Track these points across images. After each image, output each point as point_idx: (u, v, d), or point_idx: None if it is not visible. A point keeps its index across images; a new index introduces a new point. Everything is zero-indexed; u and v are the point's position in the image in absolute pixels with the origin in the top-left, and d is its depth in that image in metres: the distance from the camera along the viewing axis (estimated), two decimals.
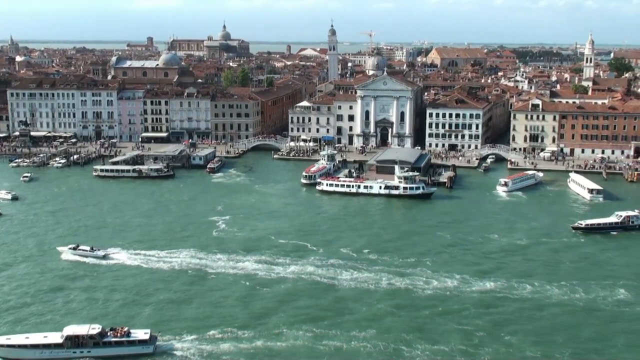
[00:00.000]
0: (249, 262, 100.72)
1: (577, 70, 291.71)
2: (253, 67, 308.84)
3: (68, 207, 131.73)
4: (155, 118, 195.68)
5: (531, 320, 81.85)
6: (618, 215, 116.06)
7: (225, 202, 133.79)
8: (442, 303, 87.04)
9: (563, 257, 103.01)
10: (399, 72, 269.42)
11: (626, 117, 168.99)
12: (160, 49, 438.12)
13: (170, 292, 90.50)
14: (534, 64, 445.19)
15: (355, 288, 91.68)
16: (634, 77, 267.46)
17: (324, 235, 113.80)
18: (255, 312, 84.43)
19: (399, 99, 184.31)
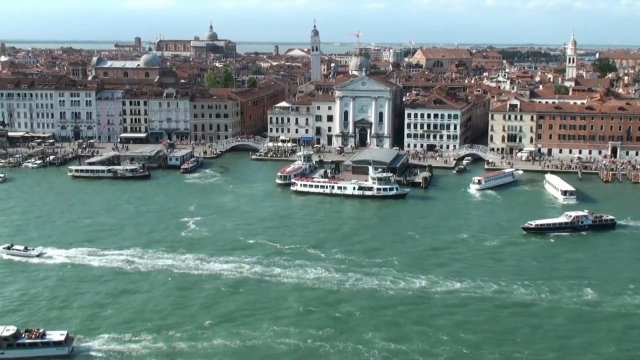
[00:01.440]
0: (213, 263, 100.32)
1: (561, 71, 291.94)
2: (238, 68, 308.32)
3: (27, 206, 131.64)
4: (134, 119, 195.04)
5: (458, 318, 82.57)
6: (568, 216, 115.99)
7: (197, 203, 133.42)
8: (406, 303, 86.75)
9: (499, 257, 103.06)
10: (382, 72, 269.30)
11: (603, 117, 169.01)
12: (147, 50, 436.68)
13: (99, 292, 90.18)
14: (520, 64, 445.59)
15: (320, 288, 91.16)
16: (617, 77, 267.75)
17: (293, 235, 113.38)
18: (185, 313, 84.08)
19: (378, 100, 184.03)
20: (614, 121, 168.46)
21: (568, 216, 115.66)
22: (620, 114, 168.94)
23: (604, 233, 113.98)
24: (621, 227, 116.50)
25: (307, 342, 76.85)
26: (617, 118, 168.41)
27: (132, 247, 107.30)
